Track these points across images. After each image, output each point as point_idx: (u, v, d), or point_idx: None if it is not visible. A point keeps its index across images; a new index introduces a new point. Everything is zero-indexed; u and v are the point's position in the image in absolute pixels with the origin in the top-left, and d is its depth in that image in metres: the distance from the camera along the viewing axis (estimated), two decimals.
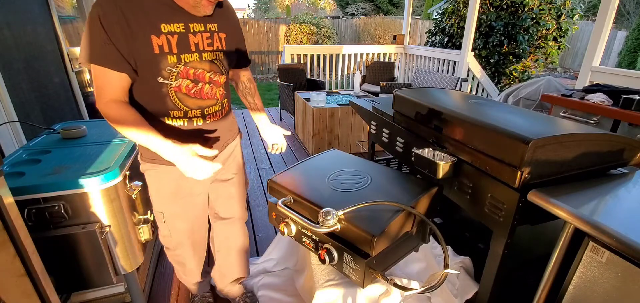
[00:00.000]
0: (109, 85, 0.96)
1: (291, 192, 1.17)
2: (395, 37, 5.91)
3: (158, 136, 0.97)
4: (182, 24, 0.99)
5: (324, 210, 1.00)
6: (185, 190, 1.20)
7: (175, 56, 0.99)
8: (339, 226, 1.02)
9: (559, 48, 6.30)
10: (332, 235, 1.07)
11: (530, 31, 5.75)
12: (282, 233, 1.17)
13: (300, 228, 1.17)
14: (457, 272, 1.22)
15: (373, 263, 1.02)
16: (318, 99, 3.45)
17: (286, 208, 1.14)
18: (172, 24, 0.97)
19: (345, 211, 1.02)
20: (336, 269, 1.11)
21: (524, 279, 1.29)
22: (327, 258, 1.08)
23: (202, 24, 1.04)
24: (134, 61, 0.95)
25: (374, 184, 1.21)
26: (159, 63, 0.97)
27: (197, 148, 1.00)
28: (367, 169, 1.32)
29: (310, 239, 1.15)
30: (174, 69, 1.00)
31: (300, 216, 1.09)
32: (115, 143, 1.47)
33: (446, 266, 0.96)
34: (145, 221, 1.38)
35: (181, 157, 0.98)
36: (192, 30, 1.01)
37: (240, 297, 1.59)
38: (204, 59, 1.06)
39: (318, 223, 1.01)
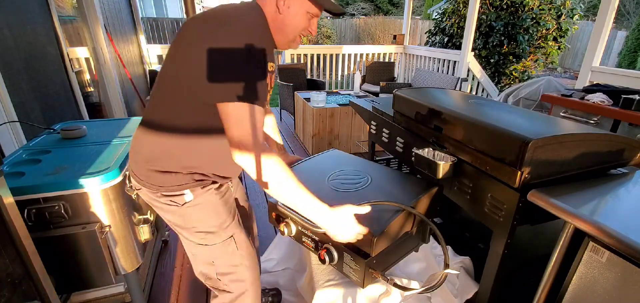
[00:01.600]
0: (261, 125, 0.85)
1: None
2: (395, 37, 5.91)
3: (311, 194, 0.87)
4: (272, 64, 0.93)
5: None
6: (231, 199, 1.08)
7: (269, 94, 0.98)
8: None
9: (559, 48, 6.30)
10: None
11: (530, 31, 5.75)
12: (282, 234, 1.17)
13: (300, 228, 1.17)
14: (457, 272, 1.22)
15: (373, 263, 1.02)
16: (318, 99, 3.45)
17: (286, 208, 1.14)
18: (270, 63, 0.91)
19: None
20: (336, 269, 1.10)
21: (524, 279, 1.29)
22: (327, 258, 1.08)
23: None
24: None
25: (374, 184, 1.21)
26: (266, 102, 0.92)
27: (353, 208, 0.92)
28: (367, 169, 1.32)
29: (310, 239, 1.15)
30: (267, 107, 1.01)
31: (300, 217, 1.09)
32: (115, 143, 1.47)
33: (446, 266, 0.96)
34: (145, 221, 1.38)
35: (345, 221, 0.89)
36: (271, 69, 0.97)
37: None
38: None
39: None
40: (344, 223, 0.89)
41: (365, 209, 0.94)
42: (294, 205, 0.89)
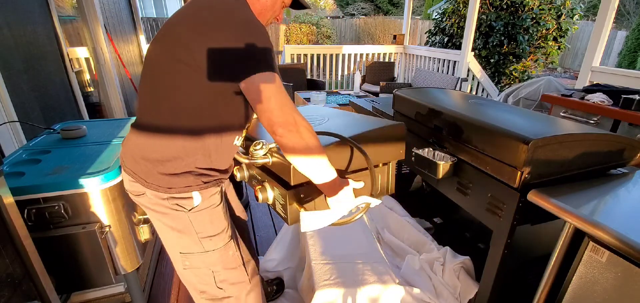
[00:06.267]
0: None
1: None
2: (395, 37, 5.90)
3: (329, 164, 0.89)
4: None
5: (256, 141, 0.96)
6: (226, 204, 1.07)
7: None
8: (270, 160, 0.96)
9: (559, 48, 6.30)
10: (268, 171, 1.02)
11: (530, 31, 5.75)
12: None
13: (250, 170, 1.12)
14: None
15: (300, 197, 0.96)
16: (318, 99, 3.45)
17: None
18: None
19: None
20: (271, 207, 1.05)
21: (524, 279, 1.29)
22: (260, 196, 1.03)
23: None
24: None
25: (330, 123, 1.14)
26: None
27: (352, 184, 0.95)
28: (331, 114, 1.26)
29: (257, 180, 1.10)
30: None
31: (244, 154, 1.03)
32: (115, 143, 1.47)
33: (371, 196, 0.95)
34: (145, 221, 1.38)
35: (350, 192, 0.92)
36: None
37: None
38: None
39: (249, 155, 0.96)
40: (344, 198, 0.92)
41: (360, 184, 0.97)
42: (309, 168, 0.87)
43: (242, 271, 1.07)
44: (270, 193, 1.03)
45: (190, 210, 0.94)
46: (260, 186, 1.05)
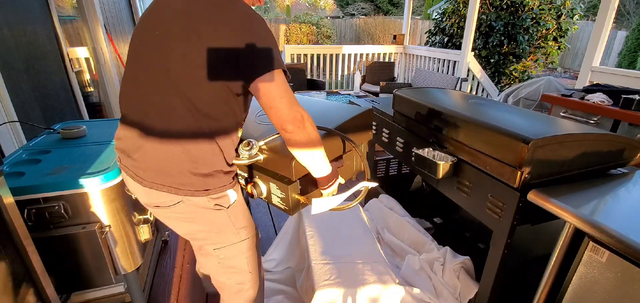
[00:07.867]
0: None
1: None
2: (395, 37, 5.90)
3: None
4: None
5: (244, 140, 0.99)
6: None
7: None
8: (261, 157, 1.00)
9: (559, 48, 6.29)
10: (258, 168, 1.06)
11: (530, 31, 5.75)
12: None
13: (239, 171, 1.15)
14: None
15: (298, 189, 1.00)
16: (318, 99, 3.45)
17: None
18: None
19: (266, 140, 1.00)
20: (267, 202, 1.09)
21: (524, 279, 1.29)
22: (255, 192, 1.06)
23: None
24: None
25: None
26: None
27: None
28: (301, 102, 1.30)
29: (242, 178, 1.13)
30: None
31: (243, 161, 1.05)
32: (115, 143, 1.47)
33: (367, 180, 1.06)
34: (145, 221, 1.38)
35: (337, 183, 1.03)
36: None
37: None
38: None
39: (239, 156, 0.99)
40: (334, 188, 1.03)
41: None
42: (312, 162, 0.93)
43: (259, 254, 1.16)
44: (263, 188, 1.07)
45: (228, 208, 0.98)
46: (251, 183, 1.08)
